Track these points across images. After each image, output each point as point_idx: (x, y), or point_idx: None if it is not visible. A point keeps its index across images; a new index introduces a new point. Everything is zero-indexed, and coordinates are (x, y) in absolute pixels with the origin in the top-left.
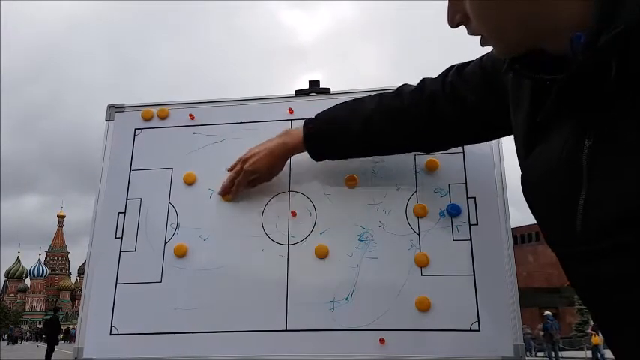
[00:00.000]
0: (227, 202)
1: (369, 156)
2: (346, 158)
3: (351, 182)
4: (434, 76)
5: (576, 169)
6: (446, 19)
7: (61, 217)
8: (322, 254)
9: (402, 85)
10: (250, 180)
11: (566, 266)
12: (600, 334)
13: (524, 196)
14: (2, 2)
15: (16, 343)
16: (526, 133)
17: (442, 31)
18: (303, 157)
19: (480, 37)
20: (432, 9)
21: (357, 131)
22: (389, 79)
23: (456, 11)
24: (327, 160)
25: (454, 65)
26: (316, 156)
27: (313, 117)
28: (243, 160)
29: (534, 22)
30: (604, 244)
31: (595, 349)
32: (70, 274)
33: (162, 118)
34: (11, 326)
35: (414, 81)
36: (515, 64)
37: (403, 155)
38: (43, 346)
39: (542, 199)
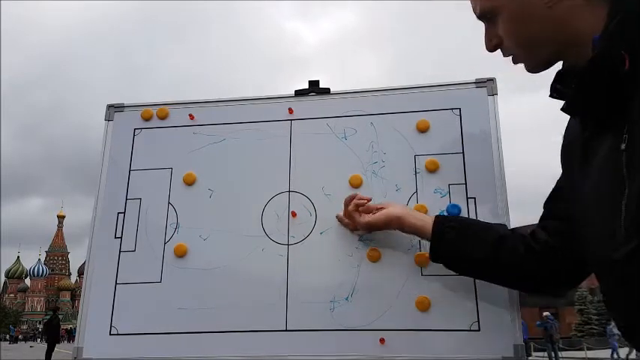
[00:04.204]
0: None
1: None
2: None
3: (356, 181)
4: (431, 77)
5: (619, 175)
6: (484, 45)
7: (60, 218)
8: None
9: None
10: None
11: (607, 280)
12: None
13: (576, 213)
14: (11, 9)
15: (17, 342)
16: (580, 153)
17: (438, 39)
18: (303, 156)
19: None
20: (430, 14)
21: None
22: (387, 82)
23: (492, 36)
24: (326, 160)
25: None
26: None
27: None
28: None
29: (557, 34)
30: (637, 238)
31: None
32: (69, 274)
33: (162, 118)
34: (11, 326)
35: (412, 82)
36: (557, 84)
37: (403, 155)
38: (37, 345)
39: (594, 212)
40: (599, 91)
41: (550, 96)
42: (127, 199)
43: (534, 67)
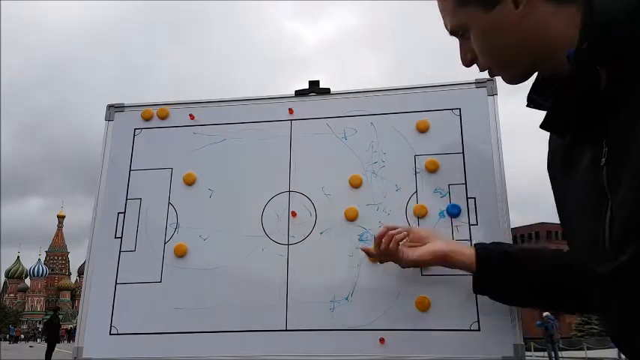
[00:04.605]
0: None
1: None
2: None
3: (356, 181)
4: (432, 77)
5: (600, 189)
6: (460, 59)
7: (60, 217)
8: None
9: None
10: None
11: (594, 291)
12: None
13: (563, 226)
14: (11, 9)
15: (17, 342)
16: (561, 162)
17: (438, 39)
18: (303, 156)
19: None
20: (430, 14)
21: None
22: (387, 82)
23: (466, 51)
24: (326, 160)
25: None
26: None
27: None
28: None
29: (530, 46)
30: (629, 251)
31: None
32: (70, 274)
33: (162, 118)
34: (11, 326)
35: (413, 82)
36: (532, 95)
37: (403, 155)
38: (37, 345)
39: (578, 225)
40: (576, 108)
41: (527, 106)
42: (127, 199)
43: (512, 80)
